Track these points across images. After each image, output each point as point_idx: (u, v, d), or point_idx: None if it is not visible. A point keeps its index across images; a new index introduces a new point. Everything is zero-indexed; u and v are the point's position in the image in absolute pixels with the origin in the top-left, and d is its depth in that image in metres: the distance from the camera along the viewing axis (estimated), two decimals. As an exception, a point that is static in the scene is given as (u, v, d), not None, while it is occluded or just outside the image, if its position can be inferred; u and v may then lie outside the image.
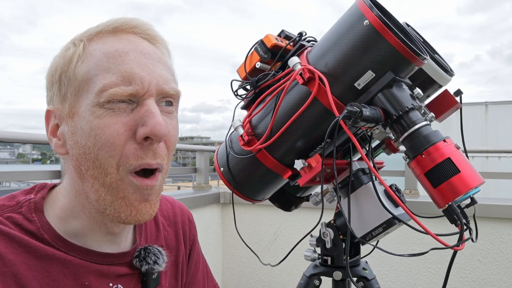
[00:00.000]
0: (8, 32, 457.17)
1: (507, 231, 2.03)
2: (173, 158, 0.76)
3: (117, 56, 0.65)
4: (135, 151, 0.64)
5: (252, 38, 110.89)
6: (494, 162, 7.12)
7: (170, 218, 0.89)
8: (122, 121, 0.63)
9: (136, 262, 0.74)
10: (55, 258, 0.65)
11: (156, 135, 0.63)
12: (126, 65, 0.64)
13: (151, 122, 0.63)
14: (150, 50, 0.68)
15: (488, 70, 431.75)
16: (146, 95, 0.65)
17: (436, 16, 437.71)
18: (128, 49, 0.66)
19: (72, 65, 0.66)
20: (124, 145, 0.63)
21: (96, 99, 0.63)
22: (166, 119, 0.67)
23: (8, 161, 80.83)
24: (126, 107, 0.64)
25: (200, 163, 2.68)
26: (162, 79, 0.67)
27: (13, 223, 0.66)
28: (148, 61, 0.66)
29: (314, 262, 1.03)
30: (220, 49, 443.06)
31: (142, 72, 0.65)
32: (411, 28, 0.99)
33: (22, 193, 0.72)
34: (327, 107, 0.87)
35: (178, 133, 0.72)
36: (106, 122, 0.63)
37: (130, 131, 0.63)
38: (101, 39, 0.67)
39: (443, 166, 0.76)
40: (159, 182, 0.67)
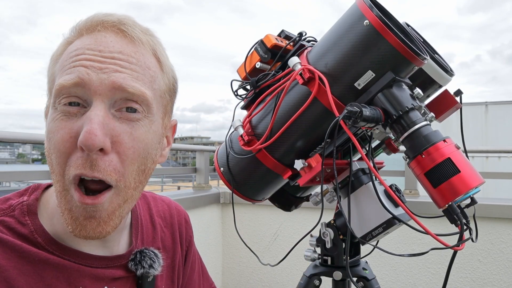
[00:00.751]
0: (8, 32, 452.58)
1: (507, 231, 2.03)
2: (173, 158, 0.73)
3: (74, 55, 0.62)
4: (77, 159, 0.59)
5: (252, 38, 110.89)
6: (494, 162, 7.12)
7: (167, 219, 0.87)
8: (69, 127, 0.59)
9: (131, 266, 0.72)
10: (49, 263, 0.64)
11: (84, 145, 0.56)
12: (77, 62, 0.60)
13: (83, 130, 0.57)
14: (115, 48, 0.62)
15: (488, 70, 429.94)
16: (92, 93, 0.59)
17: (436, 16, 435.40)
18: (87, 47, 0.62)
19: (50, 64, 0.66)
20: (70, 152, 0.59)
21: (53, 99, 0.61)
22: (122, 127, 0.61)
23: (8, 161, 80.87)
24: (78, 111, 0.60)
25: (200, 163, 2.68)
26: (117, 75, 0.60)
27: (5, 227, 0.64)
28: (107, 59, 0.61)
29: (314, 262, 1.03)
30: (220, 49, 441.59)
31: (91, 68, 0.60)
32: (411, 28, 0.99)
33: (16, 195, 0.70)
34: (327, 107, 0.87)
35: (145, 145, 0.64)
36: (56, 126, 0.60)
37: (75, 139, 0.58)
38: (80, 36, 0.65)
39: (443, 166, 0.76)
40: (107, 200, 0.61)
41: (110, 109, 0.61)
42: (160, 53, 0.68)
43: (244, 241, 1.16)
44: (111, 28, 0.64)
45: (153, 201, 0.88)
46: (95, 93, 0.59)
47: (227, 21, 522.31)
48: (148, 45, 0.66)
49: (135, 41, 0.65)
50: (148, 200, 0.87)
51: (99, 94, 0.59)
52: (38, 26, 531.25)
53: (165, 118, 0.71)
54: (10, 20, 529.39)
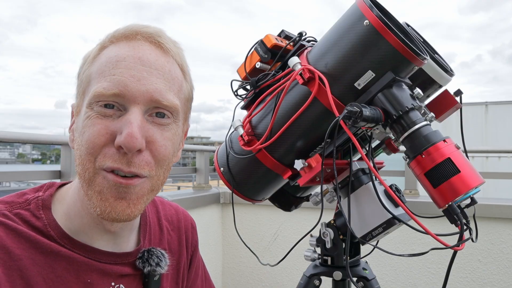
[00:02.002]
0: (8, 32, 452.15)
1: (507, 231, 2.03)
2: (173, 160, 0.76)
3: (114, 61, 0.67)
4: (113, 154, 0.64)
5: (252, 38, 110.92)
6: (494, 162, 7.12)
7: (174, 223, 0.90)
8: (106, 125, 0.65)
9: (139, 263, 0.75)
10: (60, 255, 0.67)
11: (126, 146, 0.63)
12: (117, 69, 0.66)
13: (124, 133, 0.63)
14: (152, 58, 0.68)
15: (489, 70, 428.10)
16: (131, 101, 0.65)
17: (437, 16, 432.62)
18: (126, 55, 0.67)
19: (85, 66, 0.71)
20: (103, 146, 0.65)
21: (89, 101, 0.66)
22: (155, 130, 0.68)
23: (8, 161, 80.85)
24: (114, 113, 0.66)
25: (200, 163, 2.68)
26: (154, 87, 0.67)
27: (21, 220, 0.68)
28: (145, 68, 0.67)
29: (314, 262, 1.03)
30: (220, 49, 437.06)
31: (131, 78, 0.66)
32: (411, 28, 0.99)
33: (32, 190, 0.74)
34: (327, 107, 0.87)
35: (173, 145, 0.71)
36: (92, 122, 0.65)
37: (111, 136, 0.65)
38: (116, 44, 0.70)
39: (443, 166, 0.76)
40: (139, 184, 0.67)
41: (144, 114, 0.67)
42: (185, 64, 0.75)
43: (244, 241, 1.16)
44: (149, 38, 0.71)
45: (161, 205, 0.91)
46: (134, 101, 0.66)
47: (227, 21, 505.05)
48: (177, 56, 0.73)
49: (167, 52, 0.71)
50: (157, 204, 0.90)
51: (137, 103, 0.66)
52: (38, 26, 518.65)
53: (184, 123, 0.78)
54: (10, 20, 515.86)
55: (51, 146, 14.99)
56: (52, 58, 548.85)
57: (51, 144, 1.80)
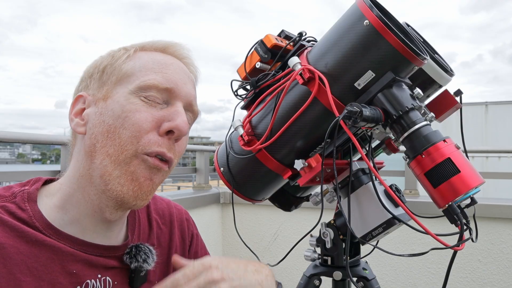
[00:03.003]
0: (8, 32, 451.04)
1: (507, 231, 2.03)
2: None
3: (162, 63, 0.76)
4: (157, 140, 0.72)
5: (252, 38, 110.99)
6: (494, 162, 7.12)
7: (165, 217, 0.91)
8: (152, 113, 0.72)
9: (126, 259, 0.76)
10: (45, 244, 0.68)
11: (179, 130, 0.72)
12: (168, 70, 0.76)
13: (178, 119, 0.72)
14: (187, 72, 0.81)
15: (489, 70, 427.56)
16: (178, 98, 0.75)
17: (438, 16, 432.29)
18: (172, 62, 0.78)
19: (120, 60, 0.76)
20: (148, 131, 0.71)
21: (135, 89, 0.72)
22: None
23: (8, 161, 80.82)
24: (158, 105, 0.74)
25: (200, 163, 2.68)
26: (192, 93, 0.79)
27: (6, 212, 0.68)
28: (186, 77, 0.79)
29: (314, 262, 1.03)
30: (220, 49, 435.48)
31: (180, 80, 0.76)
32: (411, 28, 0.99)
33: (18, 185, 0.75)
34: (327, 107, 0.87)
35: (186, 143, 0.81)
36: (138, 108, 0.72)
37: (156, 124, 0.72)
38: (151, 52, 0.79)
39: (443, 166, 0.76)
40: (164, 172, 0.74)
41: None
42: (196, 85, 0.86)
43: (244, 241, 1.16)
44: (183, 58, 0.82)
45: (152, 200, 0.92)
46: (181, 99, 0.76)
47: (227, 21, 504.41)
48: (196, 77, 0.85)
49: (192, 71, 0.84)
50: None
51: (182, 101, 0.77)
52: (38, 26, 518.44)
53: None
54: (10, 20, 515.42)
55: (51, 146, 14.98)
56: (52, 58, 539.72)
57: (51, 144, 1.80)
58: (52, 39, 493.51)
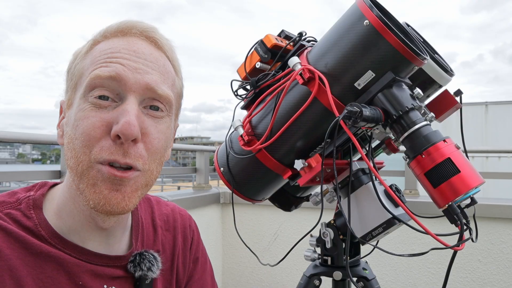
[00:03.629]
0: (8, 32, 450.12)
1: (507, 231, 2.03)
2: (173, 158, 0.75)
3: (108, 53, 0.67)
4: (109, 146, 0.64)
5: (253, 38, 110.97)
6: (494, 162, 7.11)
7: (169, 222, 0.88)
8: (101, 116, 0.64)
9: (130, 267, 0.74)
10: (50, 256, 0.66)
11: (123, 133, 0.62)
12: (113, 59, 0.66)
13: (122, 121, 0.63)
14: (146, 51, 0.69)
15: (490, 70, 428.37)
16: (128, 88, 0.65)
17: (438, 15, 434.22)
18: (121, 47, 0.68)
19: (76, 61, 0.70)
20: (99, 138, 0.64)
21: (84, 91, 0.66)
22: (149, 122, 0.67)
23: (8, 161, 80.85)
24: (109, 104, 0.65)
25: (200, 163, 2.68)
26: (150, 77, 0.67)
27: (11, 219, 0.67)
28: (140, 60, 0.68)
29: (314, 262, 1.03)
30: (220, 49, 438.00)
31: (128, 67, 0.66)
32: (411, 28, 0.99)
33: (23, 190, 0.74)
34: (327, 107, 0.87)
35: (166, 138, 0.71)
36: (86, 114, 0.65)
37: (107, 127, 0.64)
38: (108, 40, 0.70)
39: (443, 166, 0.76)
40: (133, 178, 0.66)
41: (139, 106, 0.67)
42: (176, 61, 0.76)
43: (244, 241, 1.16)
44: (142, 34, 0.71)
45: (157, 205, 0.90)
46: (130, 89, 0.66)
47: (227, 21, 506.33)
48: (170, 52, 0.74)
49: (161, 47, 0.72)
50: (152, 204, 0.89)
51: (133, 91, 0.66)
52: (38, 26, 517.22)
53: (175, 120, 0.77)
54: (10, 19, 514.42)
55: (51, 146, 14.93)
56: (52, 58, 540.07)
57: (51, 144, 1.80)
58: (52, 39, 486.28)
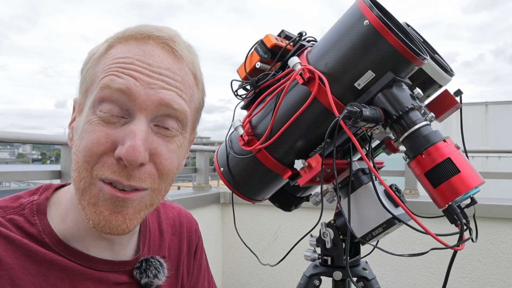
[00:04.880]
0: (8, 32, 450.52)
1: (507, 231, 2.03)
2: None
3: (122, 62, 0.63)
4: (112, 164, 0.60)
5: (253, 38, 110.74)
6: (494, 162, 7.11)
7: (176, 226, 0.87)
8: (107, 132, 0.61)
9: (136, 274, 0.72)
10: (54, 263, 0.64)
11: (127, 159, 0.59)
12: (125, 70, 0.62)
13: (126, 145, 0.59)
14: (163, 65, 0.64)
15: (490, 70, 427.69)
16: (138, 106, 0.61)
17: (439, 15, 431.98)
18: (135, 58, 0.63)
19: (89, 64, 0.66)
20: (102, 154, 0.60)
21: (93, 102, 0.62)
22: (159, 141, 0.64)
23: (8, 161, 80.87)
24: (118, 121, 0.61)
25: (200, 163, 2.68)
26: (164, 92, 0.63)
27: (14, 226, 0.65)
28: (155, 75, 0.63)
29: (314, 262, 1.03)
30: (220, 49, 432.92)
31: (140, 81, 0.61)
32: (411, 28, 0.99)
33: (27, 194, 0.71)
34: (327, 107, 0.87)
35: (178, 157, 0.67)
36: (93, 128, 0.61)
37: (112, 145, 0.60)
38: (126, 43, 0.65)
39: (443, 166, 0.76)
40: (137, 198, 0.63)
41: (150, 123, 0.63)
42: (198, 71, 0.71)
43: (244, 241, 1.16)
44: (162, 44, 0.65)
45: (163, 208, 0.88)
46: (141, 107, 0.61)
47: (227, 21, 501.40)
48: (190, 63, 0.68)
49: (181, 59, 0.66)
50: (158, 207, 0.87)
51: (144, 109, 0.61)
52: (38, 26, 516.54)
53: (192, 133, 0.74)
54: (10, 19, 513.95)
55: (51, 146, 14.94)
56: (52, 58, 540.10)
57: (51, 144, 1.80)
58: (52, 38, 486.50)
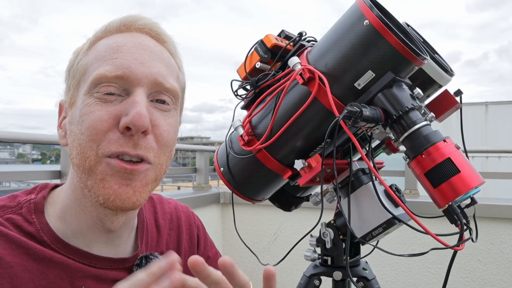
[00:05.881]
0: (8, 32, 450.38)
1: (507, 231, 2.03)
2: (173, 158, 0.75)
3: (114, 47, 0.67)
4: (117, 139, 0.63)
5: (253, 38, 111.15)
6: (494, 162, 7.12)
7: (173, 221, 0.88)
8: (108, 110, 0.64)
9: (136, 270, 0.73)
10: (53, 261, 0.65)
11: (134, 124, 0.62)
12: (119, 53, 0.66)
13: (132, 113, 0.62)
14: (151, 45, 0.69)
15: (494, 69, 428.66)
16: (136, 83, 0.65)
17: (443, 14, 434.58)
18: (127, 41, 0.68)
19: (77, 58, 0.70)
20: (106, 131, 0.63)
21: (88, 87, 0.65)
22: (158, 114, 0.67)
23: (8, 161, 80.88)
24: (115, 99, 0.65)
25: (200, 163, 2.68)
26: (156, 71, 0.67)
27: (12, 225, 0.66)
28: (146, 52, 0.67)
29: (314, 262, 1.03)
30: (220, 49, 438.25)
31: (135, 61, 0.66)
32: (411, 28, 0.99)
33: (24, 193, 0.72)
34: (327, 107, 0.87)
35: (175, 132, 0.71)
36: (92, 109, 0.64)
37: (114, 120, 0.63)
38: (111, 36, 0.70)
39: (443, 166, 0.76)
40: (144, 171, 0.65)
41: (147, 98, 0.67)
42: (178, 55, 0.76)
43: (244, 241, 1.16)
44: (144, 29, 0.71)
45: (160, 204, 0.89)
46: (138, 84, 0.65)
47: (227, 21, 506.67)
48: (172, 47, 0.74)
49: (163, 42, 0.73)
50: (155, 203, 0.88)
51: (141, 85, 0.65)
52: (38, 25, 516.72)
53: (180, 114, 0.77)
54: (10, 19, 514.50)
55: (51, 146, 14.95)
56: (52, 57, 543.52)
57: (51, 144, 1.80)
58: (53, 38, 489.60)
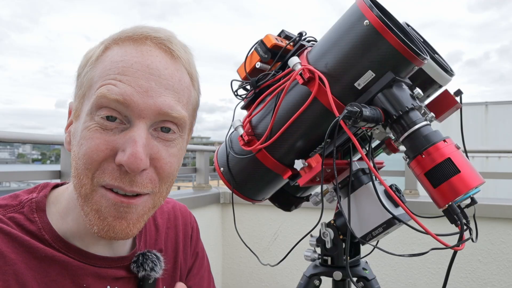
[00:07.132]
0: (8, 31, 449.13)
1: (507, 231, 2.03)
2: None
3: (119, 67, 0.62)
4: (113, 170, 0.61)
5: (253, 37, 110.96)
6: (494, 162, 7.12)
7: (170, 220, 0.88)
8: (106, 139, 0.61)
9: (133, 268, 0.74)
10: (55, 260, 0.66)
11: (129, 167, 0.59)
12: (123, 76, 0.61)
13: (128, 152, 0.59)
14: (161, 66, 0.64)
15: (495, 69, 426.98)
16: (136, 115, 0.61)
17: (444, 14, 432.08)
18: (134, 61, 0.62)
19: (86, 68, 0.66)
20: (102, 161, 0.61)
21: (91, 108, 0.62)
22: (160, 146, 0.64)
23: (8, 161, 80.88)
24: (116, 126, 0.61)
25: (200, 163, 2.68)
26: (161, 101, 0.62)
27: (15, 223, 0.66)
28: (153, 77, 0.62)
29: (314, 262, 1.03)
30: (220, 49, 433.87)
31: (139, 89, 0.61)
32: (411, 28, 0.99)
33: (25, 192, 0.73)
34: (327, 107, 0.87)
35: (178, 161, 0.68)
36: (91, 135, 0.61)
37: (111, 151, 0.61)
38: (122, 45, 0.65)
39: (443, 166, 0.76)
40: (141, 204, 0.64)
41: (149, 129, 0.63)
42: (194, 71, 0.71)
43: (244, 241, 1.16)
44: (159, 44, 0.65)
45: None
46: (139, 116, 0.61)
47: (227, 20, 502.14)
48: (187, 63, 0.69)
49: (177, 59, 0.67)
50: None
51: (143, 117, 0.61)
52: (38, 25, 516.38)
53: (189, 133, 0.74)
54: (10, 18, 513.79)
55: (51, 146, 14.95)
56: (52, 57, 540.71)
57: (51, 144, 1.80)
58: (53, 38, 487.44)
